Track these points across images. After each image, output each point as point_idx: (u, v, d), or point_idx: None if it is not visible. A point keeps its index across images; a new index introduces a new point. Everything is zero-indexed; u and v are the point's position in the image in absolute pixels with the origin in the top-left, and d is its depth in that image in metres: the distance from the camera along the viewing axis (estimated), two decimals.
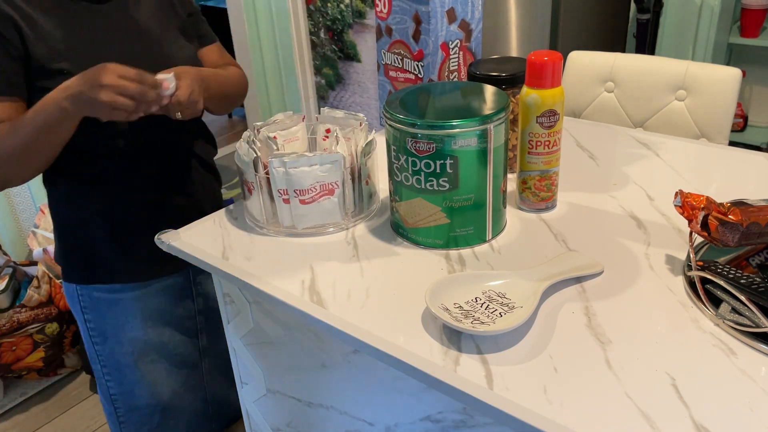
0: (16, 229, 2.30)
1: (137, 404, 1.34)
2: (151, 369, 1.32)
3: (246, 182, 1.08)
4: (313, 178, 1.02)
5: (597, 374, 0.73)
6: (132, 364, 1.30)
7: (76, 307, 1.27)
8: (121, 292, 1.24)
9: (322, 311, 0.87)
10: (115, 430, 1.39)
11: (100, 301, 1.25)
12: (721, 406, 0.68)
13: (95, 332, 1.28)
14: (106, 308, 1.25)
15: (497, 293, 0.86)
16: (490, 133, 0.92)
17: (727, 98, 1.50)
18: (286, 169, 1.00)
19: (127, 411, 1.35)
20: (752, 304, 0.77)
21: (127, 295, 1.25)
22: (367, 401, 0.98)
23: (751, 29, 2.67)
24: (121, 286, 1.24)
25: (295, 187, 1.02)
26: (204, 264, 1.03)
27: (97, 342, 1.29)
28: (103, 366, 1.31)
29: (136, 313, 1.27)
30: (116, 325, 1.27)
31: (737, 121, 2.91)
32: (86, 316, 1.27)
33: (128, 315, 1.26)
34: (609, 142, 1.34)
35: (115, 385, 1.32)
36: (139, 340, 1.29)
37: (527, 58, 1.00)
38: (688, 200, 0.85)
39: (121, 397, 1.34)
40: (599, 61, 1.66)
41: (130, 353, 1.29)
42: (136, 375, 1.31)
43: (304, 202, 1.03)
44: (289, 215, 1.05)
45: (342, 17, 2.62)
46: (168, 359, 1.34)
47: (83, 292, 1.25)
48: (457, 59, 1.29)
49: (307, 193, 1.03)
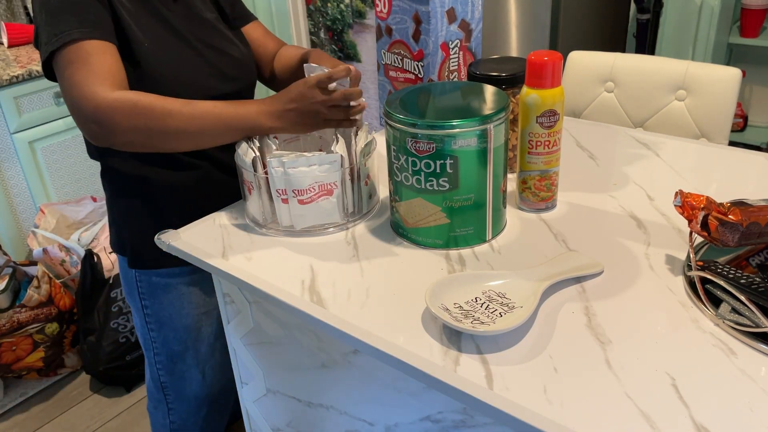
0: (16, 229, 2.30)
1: (187, 394, 1.38)
2: (204, 359, 1.35)
3: (245, 182, 1.08)
4: (311, 178, 1.02)
5: (597, 374, 0.73)
6: (185, 353, 1.33)
7: (134, 294, 1.30)
8: (180, 276, 1.26)
9: (322, 311, 0.87)
10: (162, 416, 1.42)
11: (158, 287, 1.27)
12: (721, 406, 0.68)
13: (152, 318, 1.30)
14: (163, 293, 1.27)
15: (497, 293, 0.86)
16: (490, 133, 0.92)
17: (727, 98, 1.50)
18: (284, 169, 1.00)
19: (176, 399, 1.38)
20: (752, 304, 0.77)
21: (185, 279, 1.27)
22: (367, 401, 0.98)
23: (751, 29, 2.67)
24: (179, 270, 1.25)
25: (294, 187, 1.02)
26: (204, 264, 1.03)
27: (152, 329, 1.31)
28: (156, 354, 1.34)
29: (192, 299, 1.29)
30: (172, 311, 1.29)
31: (737, 121, 2.91)
32: (144, 302, 1.29)
33: (184, 300, 1.28)
34: (609, 142, 1.34)
35: (166, 373, 1.35)
36: (193, 328, 1.31)
37: (527, 58, 1.00)
38: (688, 200, 0.85)
39: (172, 385, 1.37)
40: (599, 61, 1.66)
41: (184, 341, 1.32)
42: (189, 363, 1.34)
43: (303, 203, 1.03)
44: (287, 215, 1.05)
45: (342, 17, 2.62)
46: (219, 350, 1.36)
47: (141, 278, 1.27)
48: (457, 59, 1.29)
49: (305, 193, 1.03)
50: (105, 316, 2.03)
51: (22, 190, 2.29)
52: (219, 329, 1.36)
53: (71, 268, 2.18)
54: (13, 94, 2.17)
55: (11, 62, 2.28)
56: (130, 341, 2.06)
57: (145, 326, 1.32)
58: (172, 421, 1.41)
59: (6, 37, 2.45)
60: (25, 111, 2.22)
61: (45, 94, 2.25)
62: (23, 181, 2.27)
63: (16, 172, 2.25)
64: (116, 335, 2.04)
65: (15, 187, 2.26)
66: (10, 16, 2.66)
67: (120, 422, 1.98)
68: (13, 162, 2.23)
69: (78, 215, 2.29)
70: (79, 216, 2.29)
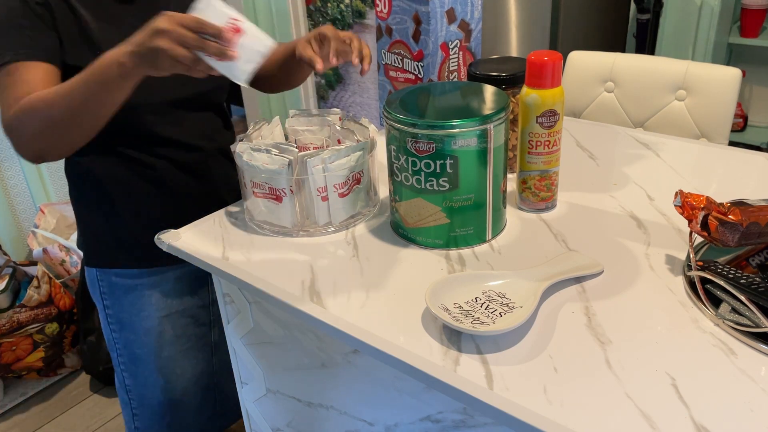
0: (16, 229, 2.30)
1: (149, 401, 1.36)
2: (165, 365, 1.33)
3: (274, 190, 1.04)
4: (348, 169, 1.03)
5: (597, 374, 0.73)
6: (146, 357, 1.31)
7: (96, 293, 1.29)
8: (139, 278, 1.25)
9: (322, 311, 0.87)
10: (128, 420, 1.40)
11: (118, 287, 1.26)
12: (721, 406, 0.68)
13: (113, 319, 1.29)
14: (123, 294, 1.26)
15: (497, 293, 0.86)
16: (490, 133, 0.92)
17: (727, 98, 1.50)
18: (325, 165, 1.01)
19: (139, 405, 1.37)
20: (752, 304, 0.77)
21: (144, 281, 1.26)
22: (367, 401, 0.98)
23: (751, 29, 2.67)
24: (139, 271, 1.25)
25: (335, 182, 1.02)
26: (204, 264, 1.03)
27: (114, 329, 1.30)
28: (119, 355, 1.33)
29: (152, 301, 1.28)
30: (132, 313, 1.28)
31: (737, 121, 2.91)
32: (105, 302, 1.29)
33: (144, 302, 1.27)
34: (609, 142, 1.34)
35: (129, 376, 1.34)
36: (154, 331, 1.30)
37: (527, 58, 1.00)
38: (688, 200, 0.85)
39: (135, 390, 1.35)
40: (599, 61, 1.66)
41: (145, 345, 1.30)
42: (150, 368, 1.32)
43: (343, 195, 1.04)
44: (326, 213, 1.05)
45: (342, 17, 2.62)
46: (182, 355, 1.35)
47: (102, 277, 1.26)
48: (456, 59, 1.29)
49: (344, 186, 1.04)
50: None
51: (22, 190, 2.29)
52: (183, 333, 1.33)
53: (71, 268, 2.18)
54: None
55: None
56: None
57: (108, 326, 1.31)
58: (137, 426, 1.39)
59: None
60: None
61: None
62: (23, 181, 2.27)
63: (16, 172, 2.25)
64: None
65: (15, 187, 2.26)
66: None
67: (120, 422, 1.98)
68: (13, 162, 2.23)
69: None
70: None
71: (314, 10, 2.70)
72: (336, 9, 2.62)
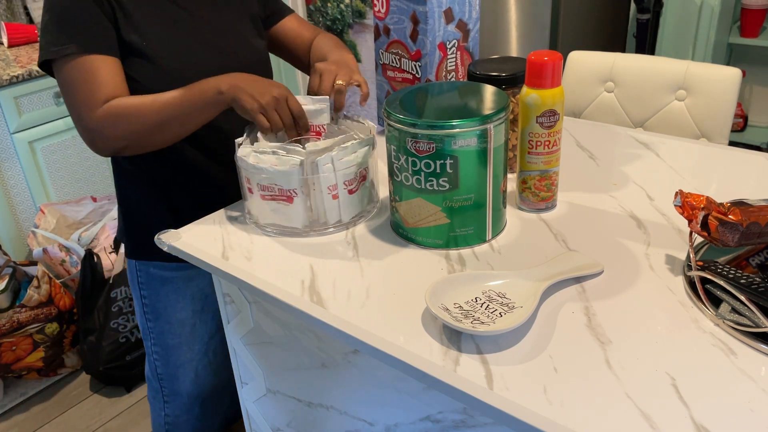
0: (16, 229, 2.30)
1: (180, 390, 1.40)
2: (196, 358, 1.37)
3: (284, 191, 1.03)
4: (356, 165, 1.03)
5: (597, 374, 0.73)
6: (179, 347, 1.35)
7: (134, 283, 1.33)
8: (175, 270, 1.29)
9: (322, 311, 0.87)
10: (158, 409, 1.44)
11: (155, 278, 1.30)
12: (721, 406, 0.68)
13: (149, 309, 1.33)
14: (160, 285, 1.30)
15: (497, 293, 0.86)
16: (490, 133, 0.92)
17: (727, 98, 1.50)
18: (334, 163, 1.01)
19: (170, 393, 1.41)
20: (752, 304, 0.77)
21: (179, 274, 1.29)
22: (367, 401, 0.98)
23: (751, 29, 2.67)
24: (176, 264, 1.27)
25: (345, 179, 1.03)
26: (204, 264, 1.03)
27: (149, 319, 1.34)
28: (153, 344, 1.37)
29: (186, 293, 1.31)
30: (167, 304, 1.32)
31: (737, 121, 2.92)
32: (142, 292, 1.33)
33: (179, 294, 1.31)
34: (609, 142, 1.34)
35: (162, 365, 1.38)
36: (188, 323, 1.34)
37: (527, 58, 1.00)
38: (688, 200, 0.85)
39: (167, 378, 1.39)
40: (599, 61, 1.66)
41: (178, 335, 1.34)
42: (182, 359, 1.36)
43: (352, 192, 1.05)
44: (336, 211, 1.05)
45: (342, 17, 2.62)
46: (213, 352, 1.39)
47: (141, 269, 1.31)
48: (454, 59, 1.29)
49: (353, 182, 1.04)
50: (105, 316, 2.03)
51: (22, 190, 2.29)
52: (215, 329, 1.37)
53: (71, 268, 2.18)
54: (13, 94, 2.17)
55: (11, 62, 2.28)
56: (130, 341, 2.06)
57: (143, 315, 1.35)
58: (167, 414, 1.43)
59: (6, 37, 2.45)
60: (25, 111, 2.22)
61: (45, 94, 2.25)
62: (23, 181, 2.27)
63: (16, 172, 2.25)
64: (116, 335, 2.04)
65: (15, 187, 2.26)
66: (10, 16, 2.66)
67: (120, 422, 1.98)
68: (13, 162, 2.23)
69: (78, 215, 2.29)
70: (79, 216, 2.29)
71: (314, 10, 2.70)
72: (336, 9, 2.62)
